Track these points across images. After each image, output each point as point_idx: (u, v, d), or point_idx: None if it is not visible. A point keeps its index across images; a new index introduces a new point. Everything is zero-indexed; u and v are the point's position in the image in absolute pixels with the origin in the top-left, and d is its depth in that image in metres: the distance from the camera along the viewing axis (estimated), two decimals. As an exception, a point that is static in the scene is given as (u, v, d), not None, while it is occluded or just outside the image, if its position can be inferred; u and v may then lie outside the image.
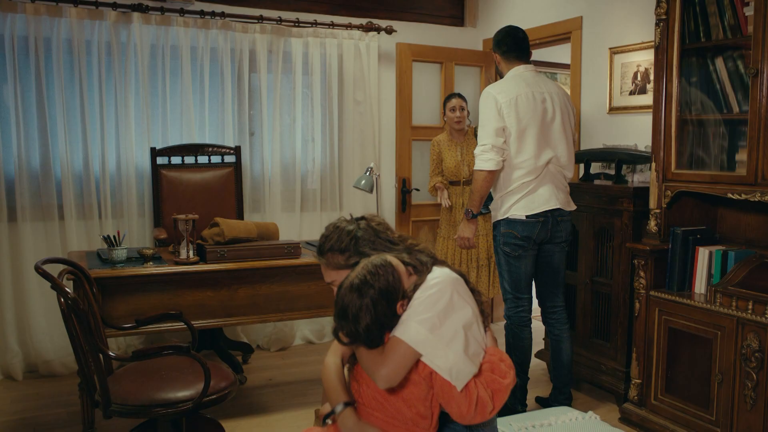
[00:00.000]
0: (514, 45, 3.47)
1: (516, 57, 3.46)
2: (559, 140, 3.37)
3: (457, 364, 1.78)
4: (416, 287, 1.85)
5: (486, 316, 1.97)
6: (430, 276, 1.87)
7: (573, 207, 3.51)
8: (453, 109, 4.59)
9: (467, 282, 1.95)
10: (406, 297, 1.83)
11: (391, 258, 1.86)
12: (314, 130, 4.93)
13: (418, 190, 5.17)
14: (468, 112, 4.64)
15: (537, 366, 4.48)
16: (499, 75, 3.72)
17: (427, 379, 1.79)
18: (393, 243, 1.98)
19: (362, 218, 2.03)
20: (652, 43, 3.59)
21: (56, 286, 2.50)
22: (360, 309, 1.75)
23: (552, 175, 3.37)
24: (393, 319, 1.80)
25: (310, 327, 4.98)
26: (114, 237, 3.28)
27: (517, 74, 3.41)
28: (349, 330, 1.78)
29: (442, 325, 1.79)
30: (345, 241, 1.94)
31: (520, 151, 3.29)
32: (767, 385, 2.83)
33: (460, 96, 4.62)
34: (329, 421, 1.93)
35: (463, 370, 1.79)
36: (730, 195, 3.08)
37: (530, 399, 3.88)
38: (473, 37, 5.52)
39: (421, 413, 1.80)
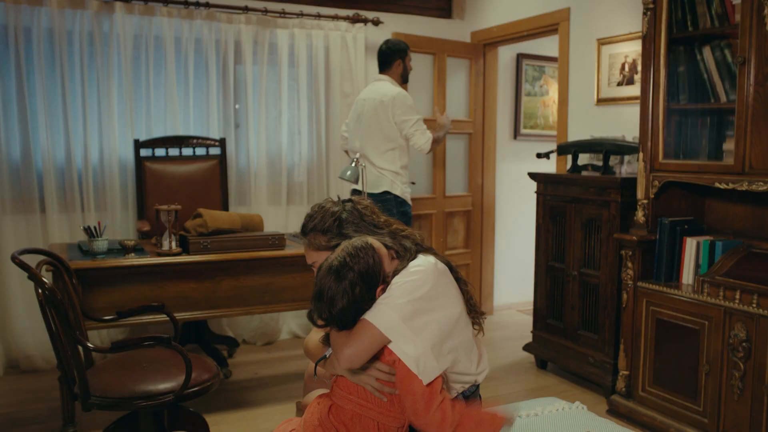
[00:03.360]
0: (378, 57, 4.34)
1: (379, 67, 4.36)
2: (361, 134, 4.20)
3: (424, 358, 1.70)
4: (396, 272, 1.80)
5: (475, 308, 1.90)
6: (412, 263, 1.81)
7: (382, 189, 4.14)
8: None
9: (453, 271, 1.90)
10: (386, 282, 1.78)
11: (372, 240, 1.81)
12: (301, 122, 4.88)
13: (413, 183, 5.05)
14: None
15: (525, 359, 4.46)
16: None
17: (392, 366, 1.73)
18: (377, 227, 1.94)
19: (349, 200, 1.99)
20: (640, 34, 3.58)
21: (33, 276, 2.45)
22: (337, 292, 1.71)
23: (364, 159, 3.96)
24: (370, 303, 1.75)
25: (297, 321, 4.94)
26: (95, 228, 3.23)
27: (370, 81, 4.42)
28: (323, 313, 1.74)
29: (416, 315, 1.72)
30: (328, 221, 1.91)
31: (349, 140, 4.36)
32: (754, 375, 2.82)
33: None
34: (321, 368, 1.89)
35: (430, 365, 1.71)
36: (717, 184, 3.06)
37: (519, 391, 3.86)
38: (461, 30, 5.48)
39: (392, 398, 1.76)
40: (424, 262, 1.81)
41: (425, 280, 1.76)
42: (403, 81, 4.38)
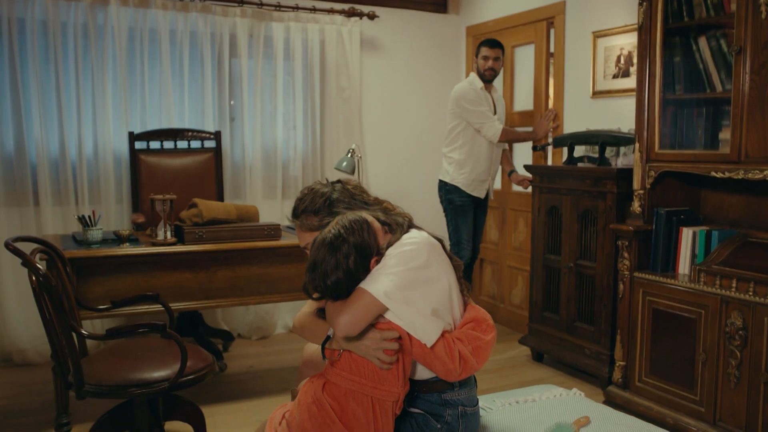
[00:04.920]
0: None
1: None
2: None
3: (422, 322, 1.74)
4: (390, 245, 1.81)
5: (463, 284, 1.92)
6: (406, 235, 1.83)
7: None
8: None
9: (444, 248, 1.91)
10: (380, 254, 1.79)
11: (366, 215, 1.82)
12: (296, 117, 4.87)
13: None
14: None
15: (521, 352, 4.46)
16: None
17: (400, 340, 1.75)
18: (368, 204, 1.95)
19: (338, 181, 2.00)
20: (635, 26, 3.58)
21: (27, 262, 2.42)
22: (332, 264, 1.72)
23: None
24: (365, 274, 1.76)
25: (292, 315, 4.92)
26: (89, 217, 3.21)
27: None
28: (318, 284, 1.75)
29: (411, 283, 1.74)
30: (319, 202, 1.91)
31: None
32: (751, 362, 2.81)
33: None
34: (329, 346, 1.89)
35: (429, 328, 1.75)
36: (713, 173, 3.06)
37: (515, 383, 3.85)
38: (456, 24, 5.49)
39: (385, 373, 1.76)
40: (418, 235, 1.84)
41: (420, 251, 1.78)
42: (480, 77, 4.46)
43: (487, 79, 4.44)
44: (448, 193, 4.47)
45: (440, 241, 1.89)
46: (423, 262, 1.77)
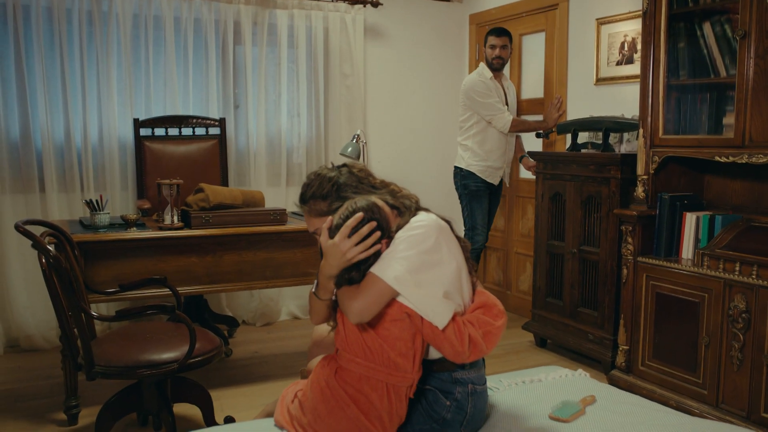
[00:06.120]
0: None
1: None
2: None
3: (434, 305, 1.75)
4: (399, 228, 1.82)
5: (471, 265, 1.94)
6: (414, 218, 1.84)
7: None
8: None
9: (453, 230, 1.93)
10: (390, 237, 1.80)
11: (375, 199, 1.83)
12: (300, 104, 4.88)
13: None
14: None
15: (525, 338, 4.48)
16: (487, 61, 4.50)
17: (407, 319, 1.76)
18: (375, 188, 1.95)
19: (344, 165, 1.99)
20: (639, 13, 3.59)
21: (37, 244, 2.44)
22: None
23: None
24: (375, 257, 1.77)
25: (296, 302, 4.95)
26: (97, 201, 3.23)
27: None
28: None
29: (422, 267, 1.75)
30: (326, 187, 1.90)
31: None
32: (754, 345, 2.84)
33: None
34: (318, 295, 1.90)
35: (441, 310, 1.76)
36: (717, 158, 3.08)
37: (519, 369, 3.88)
38: (460, 12, 5.49)
39: (402, 353, 1.77)
40: (426, 217, 1.84)
41: (429, 234, 1.78)
42: (488, 66, 4.51)
43: (496, 67, 4.46)
44: (463, 178, 4.53)
45: (448, 222, 1.90)
46: (432, 245, 1.78)
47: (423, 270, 1.76)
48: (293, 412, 1.91)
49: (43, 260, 2.45)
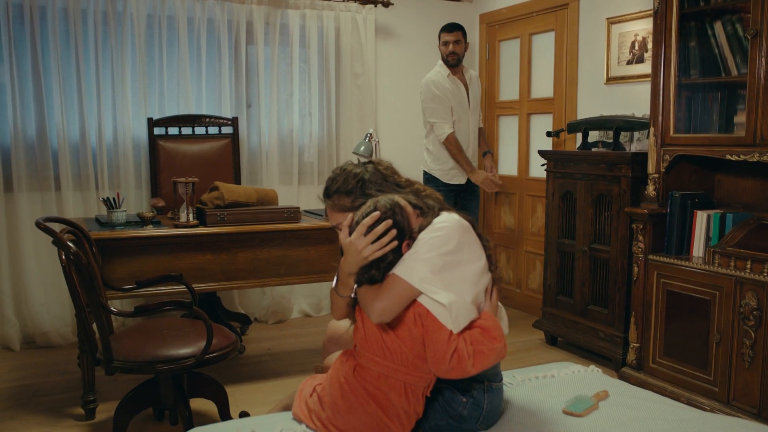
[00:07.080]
0: None
1: None
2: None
3: (456, 308, 1.74)
4: (422, 229, 1.83)
5: (494, 263, 1.93)
6: (437, 219, 1.84)
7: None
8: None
9: (476, 229, 1.93)
10: (412, 237, 1.82)
11: (398, 198, 1.85)
12: (311, 103, 4.92)
13: None
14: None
15: (536, 336, 4.51)
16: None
17: (419, 319, 1.76)
18: (400, 186, 1.96)
19: (370, 162, 2.01)
20: (650, 12, 3.60)
21: (58, 240, 2.49)
22: None
23: None
24: (397, 258, 1.79)
25: (308, 300, 4.99)
26: (113, 199, 3.27)
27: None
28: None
29: (444, 268, 1.76)
30: (351, 183, 1.92)
31: None
32: (765, 342, 2.86)
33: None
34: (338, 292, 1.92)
35: (462, 314, 1.75)
36: (728, 156, 3.10)
37: (530, 365, 3.89)
38: (470, 12, 5.51)
39: (421, 354, 1.78)
40: (448, 218, 1.84)
41: (451, 236, 1.79)
42: (444, 63, 4.49)
43: (452, 63, 4.43)
44: (426, 182, 4.46)
45: (471, 222, 1.90)
46: (454, 247, 1.78)
47: (445, 270, 1.76)
48: (312, 406, 1.93)
49: (63, 256, 2.49)
